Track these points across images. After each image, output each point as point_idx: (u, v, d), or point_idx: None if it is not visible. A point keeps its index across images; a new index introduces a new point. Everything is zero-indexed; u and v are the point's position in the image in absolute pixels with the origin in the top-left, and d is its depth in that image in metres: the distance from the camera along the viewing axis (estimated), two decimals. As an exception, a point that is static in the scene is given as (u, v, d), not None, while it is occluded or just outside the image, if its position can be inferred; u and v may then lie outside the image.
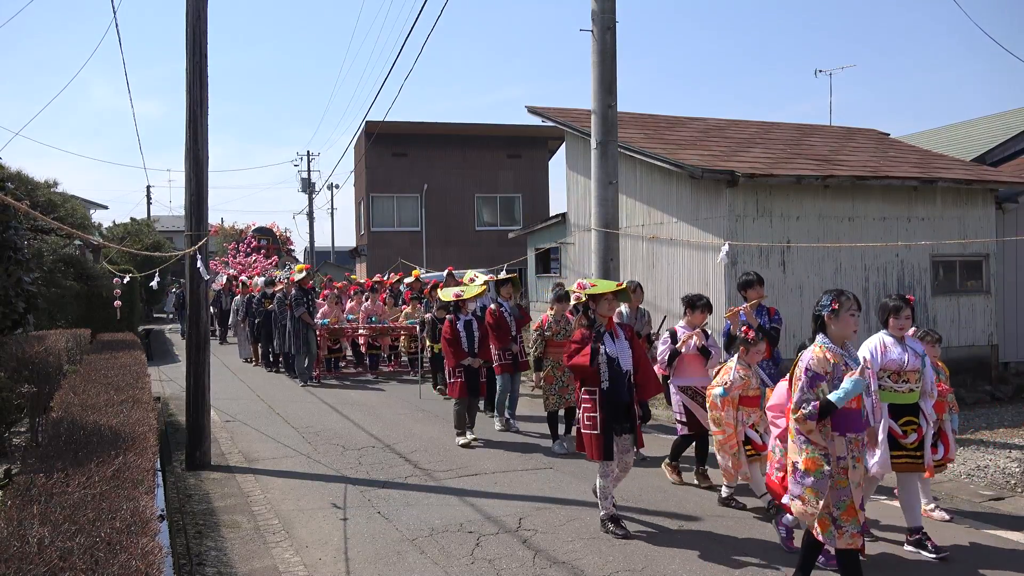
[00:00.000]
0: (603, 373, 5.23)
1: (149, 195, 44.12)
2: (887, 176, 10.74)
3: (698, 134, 13.07)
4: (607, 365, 5.24)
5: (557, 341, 7.73)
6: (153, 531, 2.85)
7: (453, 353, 8.12)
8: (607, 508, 5.31)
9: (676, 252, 11.04)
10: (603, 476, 5.30)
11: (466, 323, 8.30)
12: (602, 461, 5.22)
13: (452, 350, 8.12)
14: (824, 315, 4.08)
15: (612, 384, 5.23)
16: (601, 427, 5.18)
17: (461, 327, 8.23)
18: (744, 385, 5.71)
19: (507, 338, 8.74)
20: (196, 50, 7.47)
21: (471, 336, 8.26)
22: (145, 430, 4.50)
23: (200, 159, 7.57)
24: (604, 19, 8.74)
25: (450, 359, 8.17)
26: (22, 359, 7.07)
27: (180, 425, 8.86)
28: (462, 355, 8.14)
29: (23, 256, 7.07)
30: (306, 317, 12.42)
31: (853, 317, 4.06)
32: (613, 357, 5.26)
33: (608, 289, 5.46)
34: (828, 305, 4.07)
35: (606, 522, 5.27)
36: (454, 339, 8.16)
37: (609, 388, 5.23)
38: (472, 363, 8.18)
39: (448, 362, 8.23)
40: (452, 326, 8.21)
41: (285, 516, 5.77)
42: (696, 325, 6.55)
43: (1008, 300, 11.94)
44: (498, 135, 28.83)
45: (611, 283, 5.78)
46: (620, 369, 5.28)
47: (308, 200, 39.53)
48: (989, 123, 16.68)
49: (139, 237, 28.76)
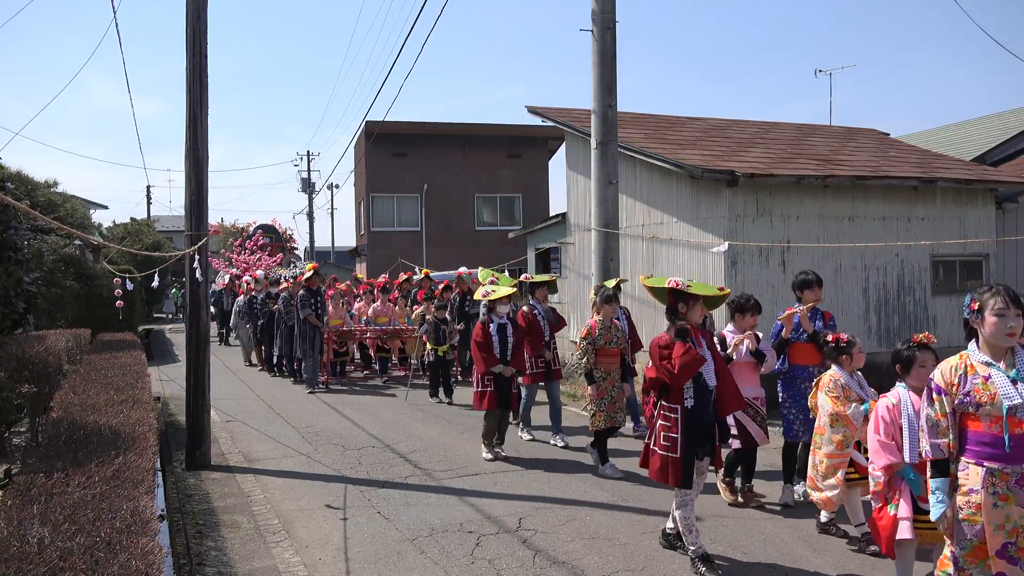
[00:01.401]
0: (688, 388, 4.66)
1: (149, 195, 44.17)
2: (887, 176, 10.73)
3: (698, 134, 13.06)
4: (692, 379, 4.66)
5: (608, 350, 6.97)
6: (153, 531, 2.85)
7: (484, 359, 7.37)
8: (695, 544, 4.65)
9: (676, 252, 11.03)
10: (682, 506, 4.71)
11: (499, 327, 7.52)
12: (680, 488, 4.66)
13: (483, 356, 7.37)
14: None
15: (697, 402, 4.66)
16: (682, 451, 4.61)
17: (494, 331, 7.47)
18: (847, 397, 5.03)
19: (540, 343, 8.16)
20: (196, 50, 7.48)
21: (504, 341, 7.48)
22: (145, 430, 4.50)
23: (200, 159, 7.57)
24: (604, 19, 8.74)
25: (480, 365, 7.42)
26: (22, 359, 7.07)
27: (180, 425, 8.86)
28: (493, 361, 7.38)
29: (23, 256, 7.05)
30: (313, 319, 11.84)
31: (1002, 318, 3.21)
32: (699, 370, 4.69)
33: (708, 292, 4.84)
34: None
35: (696, 562, 4.60)
36: (485, 344, 7.40)
37: (694, 406, 4.65)
38: (504, 371, 7.39)
39: (477, 368, 7.48)
40: (484, 329, 7.46)
41: (285, 516, 5.77)
42: (747, 329, 5.92)
43: (1008, 300, 11.93)
44: (498, 135, 28.84)
45: (710, 287, 5.08)
46: (705, 385, 4.69)
47: (308, 200, 39.57)
48: (989, 123, 16.67)
49: (139, 237, 28.74)
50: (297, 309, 12.00)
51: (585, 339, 6.93)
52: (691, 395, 4.65)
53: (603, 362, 6.94)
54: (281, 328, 13.10)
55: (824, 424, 5.03)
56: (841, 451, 4.92)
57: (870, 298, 10.66)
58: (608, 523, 5.49)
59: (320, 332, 12.00)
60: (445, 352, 10.81)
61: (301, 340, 11.98)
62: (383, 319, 13.42)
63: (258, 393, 11.93)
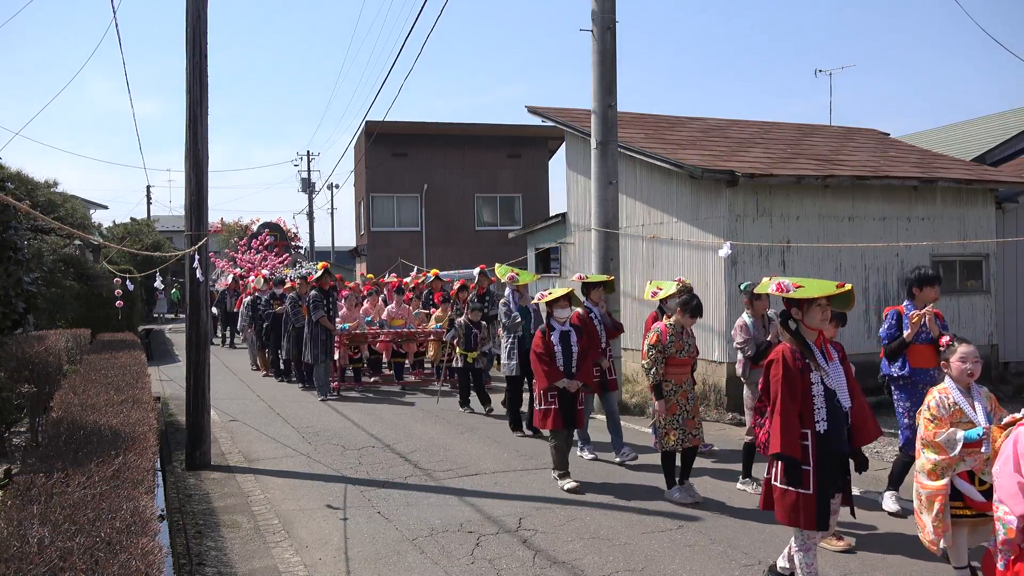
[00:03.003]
0: (819, 411, 3.95)
1: (149, 195, 44.14)
2: (887, 176, 10.74)
3: (698, 134, 13.06)
4: (824, 399, 3.97)
5: (679, 359, 6.13)
6: (153, 531, 2.85)
7: (546, 373, 6.47)
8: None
9: (676, 252, 11.03)
10: (805, 550, 4.02)
11: (562, 335, 6.62)
12: (806, 530, 3.96)
13: (546, 369, 6.48)
14: None
15: (831, 426, 3.96)
16: (815, 486, 3.89)
17: (556, 339, 6.59)
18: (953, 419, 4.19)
19: (596, 350, 7.25)
20: (196, 50, 7.48)
21: (568, 351, 6.59)
22: (145, 430, 4.50)
23: (200, 159, 7.57)
24: (604, 19, 8.75)
25: (542, 379, 6.51)
26: (22, 359, 7.07)
27: (180, 425, 8.86)
28: (557, 375, 6.46)
29: (23, 256, 7.06)
30: (326, 321, 11.12)
31: None
32: (831, 389, 4.00)
33: (823, 292, 4.02)
34: None
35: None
36: (547, 355, 6.53)
37: (827, 432, 3.95)
38: (569, 386, 6.49)
39: (539, 383, 6.58)
40: (544, 339, 6.59)
41: (285, 516, 5.77)
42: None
43: (1008, 300, 11.93)
44: (498, 135, 28.84)
45: (826, 283, 4.15)
46: (839, 406, 4.00)
47: (308, 200, 39.60)
48: (989, 123, 16.66)
49: (139, 237, 28.78)
50: (308, 311, 11.34)
51: (654, 347, 6.05)
52: (824, 417, 3.95)
53: (673, 373, 6.09)
54: (289, 331, 12.42)
55: (919, 447, 4.31)
56: (935, 481, 4.15)
57: (870, 298, 10.66)
58: (608, 523, 5.49)
59: (332, 336, 11.35)
60: (475, 358, 10.03)
61: (312, 344, 11.25)
62: (398, 321, 12.63)
63: (258, 393, 11.93)
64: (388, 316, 12.68)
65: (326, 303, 11.27)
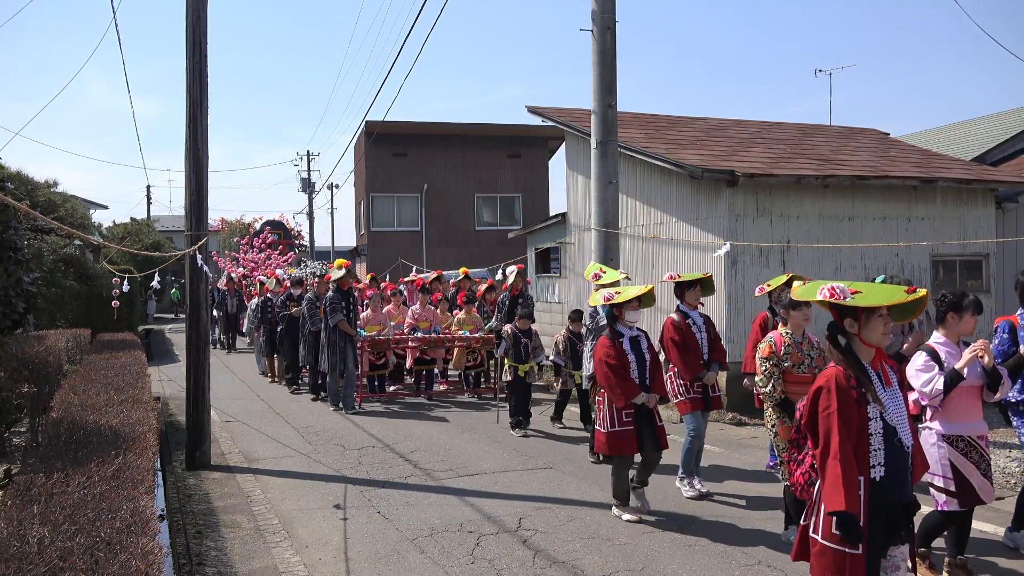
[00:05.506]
0: (875, 453, 3.14)
1: (149, 195, 44.12)
2: (887, 176, 10.74)
3: (699, 134, 13.07)
4: (882, 437, 3.16)
5: (798, 375, 5.14)
6: (153, 531, 2.85)
7: (622, 388, 5.47)
8: None
9: (676, 252, 11.03)
10: None
11: (632, 341, 5.70)
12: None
13: (619, 383, 5.48)
14: None
15: (889, 472, 3.15)
16: (865, 544, 3.10)
17: (627, 347, 5.64)
18: None
19: (697, 363, 6.24)
20: (196, 50, 7.48)
21: (641, 361, 5.66)
22: (145, 430, 4.50)
23: (200, 159, 7.58)
24: (604, 19, 8.74)
25: (618, 398, 5.48)
26: (22, 359, 7.07)
27: (180, 425, 8.86)
28: (634, 390, 5.50)
29: (23, 256, 7.06)
30: (345, 325, 10.10)
31: None
32: (891, 425, 3.17)
33: (891, 300, 3.21)
34: None
35: None
36: (620, 366, 5.53)
37: (885, 477, 3.15)
38: (648, 401, 5.57)
39: (616, 400, 5.52)
40: (615, 346, 5.59)
41: (285, 516, 5.77)
42: (964, 334, 4.47)
43: (1008, 300, 11.93)
44: (498, 135, 28.83)
45: (891, 288, 3.41)
46: (901, 446, 3.19)
47: (308, 200, 39.54)
48: (989, 123, 16.67)
49: (139, 237, 28.73)
50: (325, 314, 10.30)
51: (769, 359, 5.12)
52: (881, 461, 3.14)
53: (792, 392, 5.05)
54: (305, 335, 11.33)
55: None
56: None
57: (870, 298, 10.65)
58: (608, 523, 5.49)
59: (353, 342, 10.30)
60: (527, 372, 8.96)
61: (329, 351, 10.18)
62: (424, 324, 11.28)
63: (258, 393, 11.93)
64: (413, 318, 11.40)
65: (344, 305, 10.24)
